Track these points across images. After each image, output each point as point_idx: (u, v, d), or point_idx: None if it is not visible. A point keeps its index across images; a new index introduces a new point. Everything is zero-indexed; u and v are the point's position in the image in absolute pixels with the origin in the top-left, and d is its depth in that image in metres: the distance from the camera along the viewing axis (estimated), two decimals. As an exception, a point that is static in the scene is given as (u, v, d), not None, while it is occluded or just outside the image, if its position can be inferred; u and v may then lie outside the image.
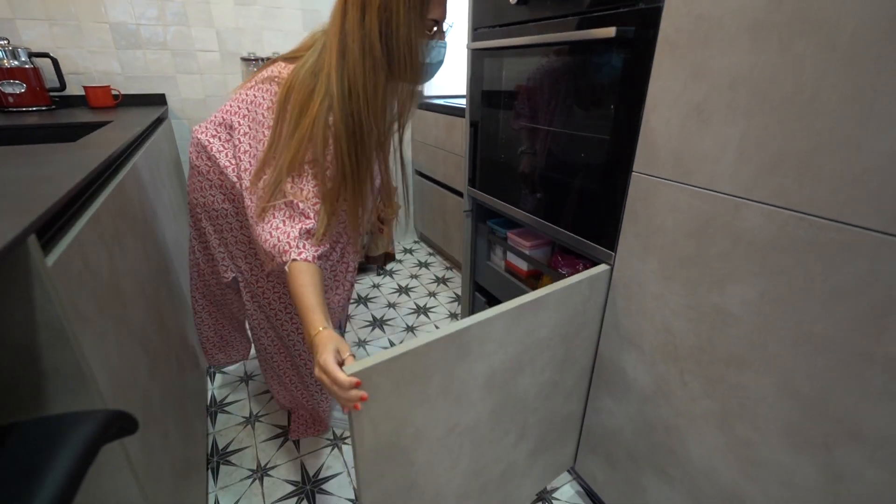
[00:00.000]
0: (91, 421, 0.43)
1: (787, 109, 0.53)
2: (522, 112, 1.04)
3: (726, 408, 0.68)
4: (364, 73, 0.72)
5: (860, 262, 0.49)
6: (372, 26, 0.70)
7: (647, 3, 0.68)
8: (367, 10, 0.70)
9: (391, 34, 0.71)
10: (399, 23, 0.70)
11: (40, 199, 0.51)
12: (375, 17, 0.69)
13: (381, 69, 0.73)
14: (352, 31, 0.71)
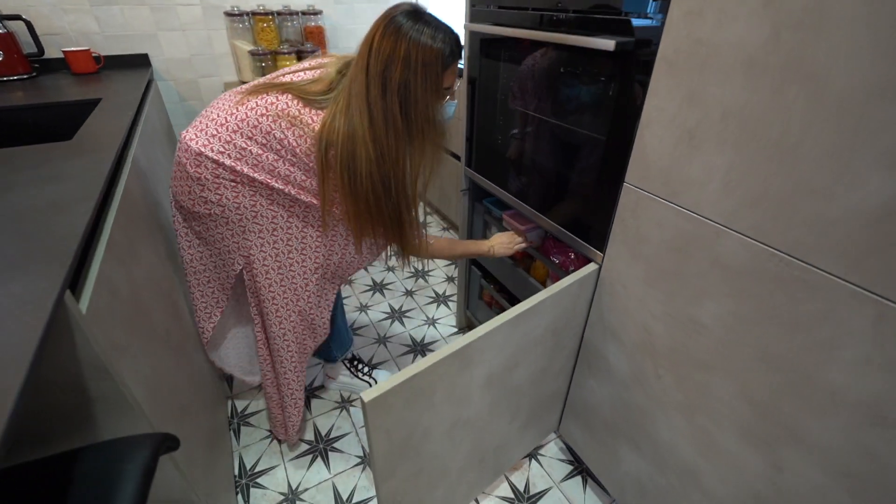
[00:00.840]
0: (146, 445, 0.50)
1: (772, 151, 0.55)
2: (520, 98, 1.03)
3: (692, 401, 0.76)
4: (388, 141, 0.80)
5: (818, 301, 0.54)
6: (392, 102, 0.78)
7: (648, 17, 0.66)
8: (388, 87, 0.77)
9: (409, 109, 0.79)
10: (417, 99, 0.79)
11: (63, 241, 0.55)
12: (395, 95, 0.78)
13: (402, 138, 0.82)
14: (374, 103, 0.78)
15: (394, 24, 0.77)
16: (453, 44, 0.81)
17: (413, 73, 0.77)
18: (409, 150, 0.84)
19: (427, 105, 0.80)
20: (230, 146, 0.84)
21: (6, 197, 0.66)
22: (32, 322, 0.42)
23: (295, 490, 1.15)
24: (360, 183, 0.82)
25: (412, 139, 0.83)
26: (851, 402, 0.54)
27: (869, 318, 0.50)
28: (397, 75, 0.76)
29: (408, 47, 0.76)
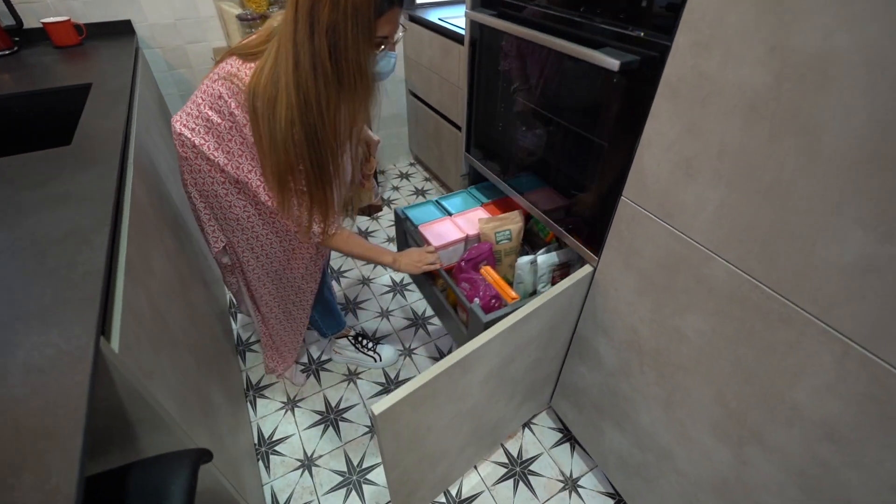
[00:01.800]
0: (187, 464, 0.57)
1: (763, 194, 0.57)
2: (524, 88, 1.01)
3: (671, 397, 0.84)
4: (316, 88, 0.74)
5: (792, 333, 0.59)
6: (321, 45, 0.71)
7: (655, 36, 0.65)
8: (316, 28, 0.71)
9: (339, 55, 0.73)
10: (347, 45, 0.72)
11: (87, 280, 0.58)
12: (324, 37, 0.71)
13: (332, 85, 0.75)
14: (302, 45, 0.72)
15: None
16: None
17: (343, 16, 0.69)
18: (339, 98, 0.78)
19: (358, 52, 0.73)
20: (200, 120, 0.88)
21: (23, 224, 0.68)
22: (78, 378, 0.46)
23: (310, 457, 1.27)
24: (278, 132, 0.77)
25: (342, 87, 0.76)
26: (811, 419, 0.61)
27: (835, 354, 0.55)
28: (325, 15, 0.69)
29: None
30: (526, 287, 1.07)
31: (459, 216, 1.23)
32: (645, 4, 0.64)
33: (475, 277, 1.03)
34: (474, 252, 1.10)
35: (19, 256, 0.62)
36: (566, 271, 1.01)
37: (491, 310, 0.95)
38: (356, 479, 1.21)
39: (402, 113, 2.52)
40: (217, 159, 0.89)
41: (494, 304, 0.97)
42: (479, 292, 0.98)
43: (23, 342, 0.50)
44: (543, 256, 1.03)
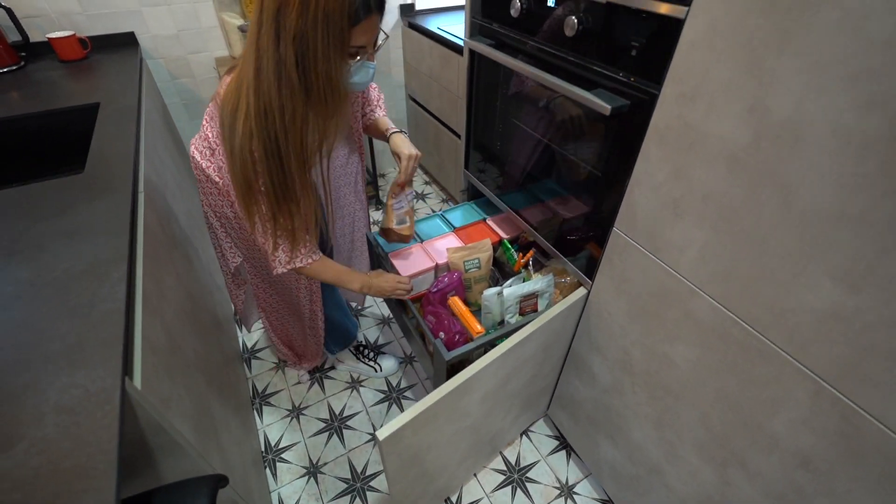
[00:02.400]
0: (206, 486, 0.61)
1: (744, 239, 0.60)
2: (521, 110, 1.04)
3: (660, 417, 0.88)
4: (280, 98, 0.67)
5: (771, 369, 0.63)
6: (287, 54, 0.64)
7: (644, 83, 0.68)
8: (282, 35, 0.63)
9: (308, 66, 0.65)
10: (317, 56, 0.65)
11: (109, 318, 0.62)
12: (290, 46, 0.63)
13: (299, 95, 0.68)
14: (265, 50, 0.65)
15: None
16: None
17: (312, 23, 0.62)
18: (307, 110, 0.70)
19: (329, 63, 0.66)
20: (205, 142, 0.90)
21: (42, 259, 0.72)
22: (107, 421, 0.50)
23: (315, 464, 1.32)
24: (237, 145, 0.70)
25: (310, 99, 0.69)
26: (787, 448, 0.65)
27: (809, 392, 0.59)
28: (292, 21, 0.61)
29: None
30: (494, 317, 1.01)
31: (429, 243, 1.19)
32: (634, 54, 0.67)
33: (440, 311, 1.01)
34: (444, 281, 1.04)
35: (43, 293, 0.66)
36: (534, 302, 0.99)
37: (455, 345, 0.93)
38: (360, 486, 1.26)
39: (402, 118, 2.54)
40: (219, 181, 0.91)
41: (458, 339, 0.95)
42: (445, 326, 0.96)
43: (53, 383, 0.54)
44: (509, 289, 0.97)
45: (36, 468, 0.47)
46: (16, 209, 0.84)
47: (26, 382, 0.55)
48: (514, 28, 0.92)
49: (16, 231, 0.78)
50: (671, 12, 0.59)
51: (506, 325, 0.97)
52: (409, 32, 2.14)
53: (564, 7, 0.77)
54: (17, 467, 0.47)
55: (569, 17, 0.74)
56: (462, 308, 0.99)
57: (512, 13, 0.88)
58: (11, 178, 1.29)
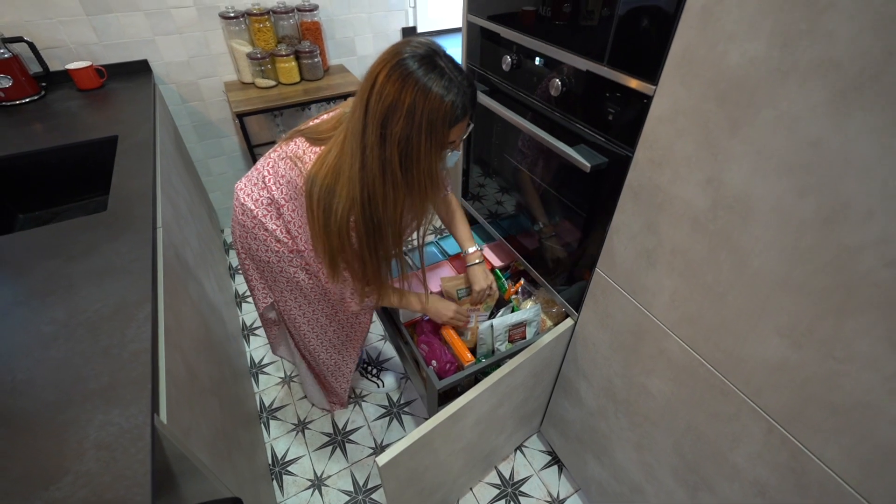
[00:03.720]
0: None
1: (706, 291, 0.67)
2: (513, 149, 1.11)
3: (640, 442, 0.95)
4: (384, 189, 0.75)
5: (731, 407, 0.70)
6: (392, 154, 0.72)
7: (620, 145, 0.74)
8: (388, 139, 0.71)
9: (411, 164, 0.73)
10: (420, 156, 0.72)
11: (138, 358, 0.69)
12: (395, 147, 0.71)
13: (401, 188, 0.76)
14: (371, 149, 0.72)
15: (401, 67, 0.68)
16: (467, 98, 0.73)
17: (417, 129, 0.69)
18: (409, 200, 0.80)
19: (430, 163, 0.74)
20: (264, 193, 0.94)
21: (74, 299, 0.79)
22: (140, 456, 0.58)
23: (320, 477, 1.39)
24: (333, 221, 0.79)
25: (411, 191, 0.78)
26: (747, 478, 0.71)
27: (763, 429, 0.66)
28: (399, 128, 0.69)
29: (413, 100, 0.68)
30: (488, 346, 1.06)
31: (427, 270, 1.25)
32: (611, 118, 0.74)
33: (433, 340, 1.07)
34: None
35: (77, 334, 0.73)
36: (523, 330, 1.06)
37: (446, 374, 1.00)
38: (362, 498, 1.34)
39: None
40: (276, 231, 0.96)
41: (449, 368, 1.01)
42: (437, 355, 1.02)
43: (91, 420, 0.62)
44: (498, 320, 1.03)
45: (83, 499, 0.54)
46: (47, 249, 0.91)
47: (68, 420, 0.62)
48: (506, 80, 0.99)
49: (49, 270, 0.86)
50: (641, 88, 0.66)
51: (496, 353, 1.03)
52: (410, 54, 2.20)
53: (550, 69, 0.84)
54: (67, 498, 0.54)
55: (554, 79, 0.81)
56: (454, 337, 1.06)
57: (504, 67, 0.94)
58: (37, 205, 1.38)
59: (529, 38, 0.85)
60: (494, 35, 0.96)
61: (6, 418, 0.62)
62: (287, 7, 1.85)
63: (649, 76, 0.64)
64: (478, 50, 1.06)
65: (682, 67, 0.59)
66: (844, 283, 0.50)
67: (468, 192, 1.37)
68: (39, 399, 0.64)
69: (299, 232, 0.94)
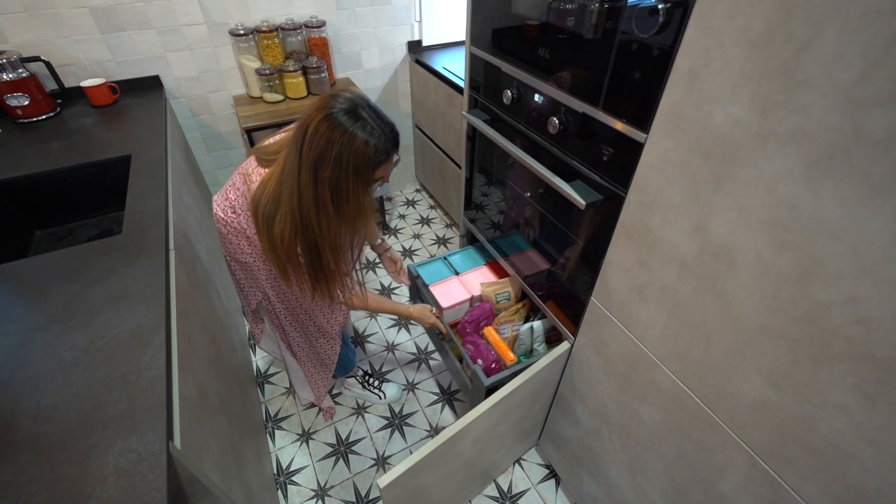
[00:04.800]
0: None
1: (693, 329, 0.70)
2: (513, 173, 1.14)
3: (633, 464, 0.98)
4: (318, 219, 0.85)
5: (717, 439, 0.73)
6: (324, 194, 0.81)
7: (614, 185, 0.77)
8: (319, 180, 0.80)
9: (341, 201, 0.83)
10: (348, 194, 0.82)
11: (153, 385, 0.73)
12: (327, 188, 0.81)
13: (333, 219, 0.85)
14: (305, 187, 0.82)
15: (330, 119, 0.78)
16: (389, 143, 0.83)
17: (344, 173, 0.79)
18: (343, 227, 0.88)
19: (358, 198, 0.84)
20: (227, 203, 1.07)
21: (93, 325, 0.84)
22: (157, 483, 0.62)
23: (323, 487, 1.43)
24: (277, 241, 0.89)
25: (342, 220, 0.87)
26: (732, 506, 0.74)
27: (746, 462, 0.69)
28: (328, 173, 0.79)
29: (340, 149, 0.77)
30: (526, 347, 1.22)
31: (465, 275, 1.39)
32: (606, 159, 0.77)
33: (478, 341, 1.19)
34: (476, 312, 1.26)
35: (97, 360, 0.77)
36: (559, 332, 1.17)
37: (492, 373, 1.13)
38: (363, 509, 1.38)
39: (409, 144, 2.65)
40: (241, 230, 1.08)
41: (494, 367, 1.14)
42: (482, 354, 1.15)
43: (111, 447, 0.66)
44: (538, 323, 1.19)
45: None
46: (66, 272, 0.95)
47: (90, 446, 0.66)
48: (506, 111, 1.02)
49: (69, 295, 0.90)
50: (633, 135, 0.69)
51: (535, 353, 1.12)
52: (416, 67, 2.24)
53: (548, 106, 0.87)
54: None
55: (552, 117, 0.85)
56: (496, 337, 1.16)
57: (504, 101, 0.98)
58: (53, 221, 1.43)
59: (529, 76, 0.88)
60: (496, 68, 0.99)
61: (31, 444, 0.66)
62: (295, 24, 1.89)
63: (641, 125, 0.67)
64: (480, 80, 1.09)
65: (671, 121, 0.62)
66: (819, 335, 0.53)
67: (471, 203, 1.40)
68: (62, 425, 0.68)
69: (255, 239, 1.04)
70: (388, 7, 2.09)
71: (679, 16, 0.56)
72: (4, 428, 0.68)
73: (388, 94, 2.38)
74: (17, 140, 1.49)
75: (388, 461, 1.50)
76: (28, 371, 0.76)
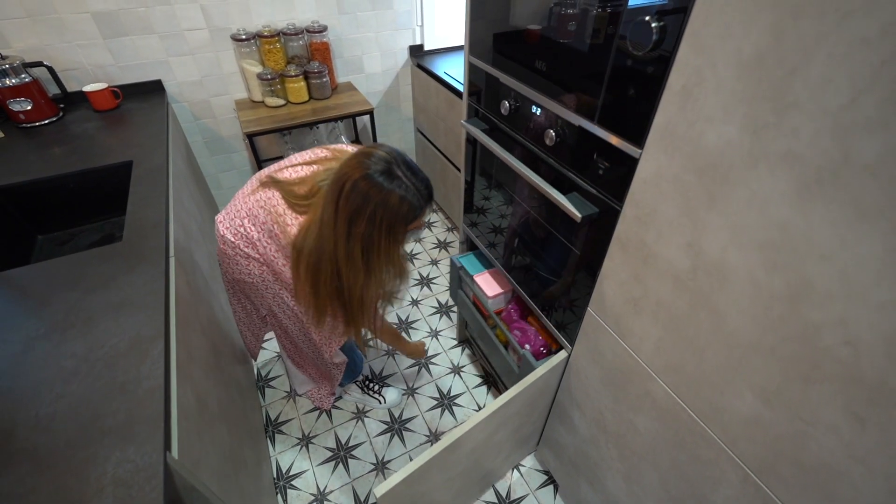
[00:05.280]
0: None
1: (688, 345, 0.71)
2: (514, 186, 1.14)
3: (629, 473, 0.98)
4: (347, 269, 0.89)
5: (711, 453, 0.73)
6: (355, 246, 0.86)
7: (610, 198, 0.78)
8: (352, 233, 0.84)
9: (371, 255, 0.87)
10: (380, 250, 0.86)
11: (152, 396, 0.74)
12: (358, 242, 0.85)
13: (360, 270, 0.89)
14: (340, 238, 0.86)
15: (366, 180, 0.81)
16: (423, 199, 0.86)
17: (377, 230, 0.83)
18: (367, 279, 0.92)
19: (389, 252, 0.88)
20: (242, 230, 1.07)
21: (93, 333, 0.84)
22: (154, 495, 0.63)
23: (323, 492, 1.44)
24: (321, 284, 0.93)
25: (370, 272, 0.91)
26: (726, 519, 0.75)
27: (739, 477, 0.69)
28: (362, 228, 0.83)
29: (374, 209, 0.81)
30: None
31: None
32: (601, 172, 0.77)
33: (526, 327, 1.23)
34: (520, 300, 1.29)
35: (96, 370, 0.78)
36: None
37: (541, 356, 1.17)
38: (362, 514, 1.38)
39: (411, 147, 2.65)
40: (256, 259, 1.09)
41: (543, 351, 1.18)
42: (530, 340, 1.19)
43: (109, 458, 0.67)
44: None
45: (102, 536, 0.59)
46: (67, 280, 0.96)
47: (88, 456, 0.67)
48: (504, 121, 1.03)
49: (69, 303, 0.91)
50: (628, 150, 0.69)
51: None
52: (417, 72, 2.24)
53: (545, 118, 0.87)
54: (87, 535, 0.59)
55: (548, 129, 0.85)
56: (539, 325, 1.21)
57: (502, 111, 0.98)
58: (55, 226, 1.44)
59: (527, 88, 0.89)
60: (494, 78, 1.00)
61: (30, 454, 0.67)
62: (297, 28, 1.90)
63: (635, 140, 0.68)
64: (479, 89, 1.10)
65: (664, 139, 0.62)
66: (810, 355, 0.53)
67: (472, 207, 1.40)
68: (61, 435, 0.69)
69: (276, 266, 1.06)
70: (390, 12, 2.10)
71: (673, 35, 0.57)
72: (4, 437, 0.69)
73: (389, 98, 2.38)
74: (20, 144, 1.50)
75: (388, 466, 1.51)
76: (28, 379, 0.77)
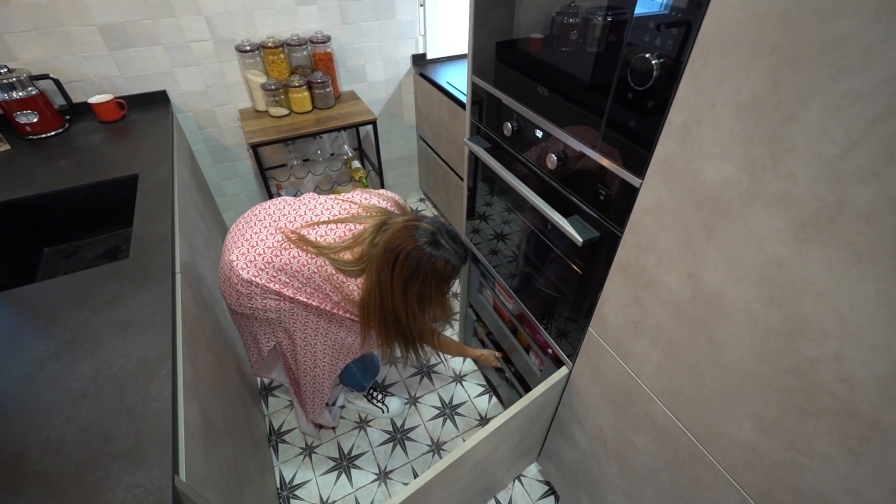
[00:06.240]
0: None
1: (687, 370, 0.72)
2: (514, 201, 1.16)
3: (629, 490, 0.99)
4: (407, 316, 1.07)
5: (710, 476, 0.74)
6: (411, 302, 1.05)
7: (611, 224, 0.79)
8: (408, 292, 1.02)
9: (425, 305, 1.08)
10: (432, 302, 1.08)
11: (159, 418, 0.75)
12: (415, 299, 1.04)
13: (419, 317, 1.09)
14: (398, 295, 1.03)
15: (417, 251, 0.98)
16: (462, 260, 1.04)
17: (429, 288, 1.03)
18: (424, 320, 1.12)
19: (439, 300, 1.10)
20: (276, 279, 1.08)
21: (101, 353, 0.86)
22: (163, 518, 0.64)
23: (325, 502, 1.46)
24: (390, 331, 1.11)
25: (425, 315, 1.12)
26: (724, 541, 0.76)
27: (737, 501, 0.70)
28: (417, 288, 1.01)
29: (425, 273, 1.00)
30: None
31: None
32: (602, 199, 0.78)
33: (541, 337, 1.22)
34: None
35: (105, 391, 0.80)
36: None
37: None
38: (364, 524, 1.40)
39: (413, 154, 2.66)
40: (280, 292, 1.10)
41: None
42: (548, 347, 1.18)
43: (119, 482, 0.68)
44: None
45: (113, 561, 0.60)
46: (75, 298, 0.98)
47: (97, 480, 0.68)
48: (507, 142, 1.04)
49: (77, 322, 0.92)
50: (628, 179, 0.70)
51: None
52: (420, 80, 2.26)
53: (548, 142, 0.88)
54: (98, 560, 0.60)
55: (550, 153, 0.86)
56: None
57: (505, 132, 0.99)
58: (61, 239, 1.46)
59: (529, 111, 0.90)
60: (496, 99, 1.01)
61: (41, 477, 0.69)
62: (301, 39, 1.91)
63: (636, 170, 0.69)
64: (481, 109, 1.11)
65: (664, 171, 0.63)
66: (805, 388, 0.54)
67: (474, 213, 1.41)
68: (71, 458, 0.71)
69: (324, 299, 1.12)
70: (393, 21, 2.11)
71: (673, 73, 0.58)
72: (16, 460, 0.70)
73: (392, 106, 2.39)
74: (27, 157, 1.51)
75: (390, 476, 1.52)
76: (37, 402, 0.78)
